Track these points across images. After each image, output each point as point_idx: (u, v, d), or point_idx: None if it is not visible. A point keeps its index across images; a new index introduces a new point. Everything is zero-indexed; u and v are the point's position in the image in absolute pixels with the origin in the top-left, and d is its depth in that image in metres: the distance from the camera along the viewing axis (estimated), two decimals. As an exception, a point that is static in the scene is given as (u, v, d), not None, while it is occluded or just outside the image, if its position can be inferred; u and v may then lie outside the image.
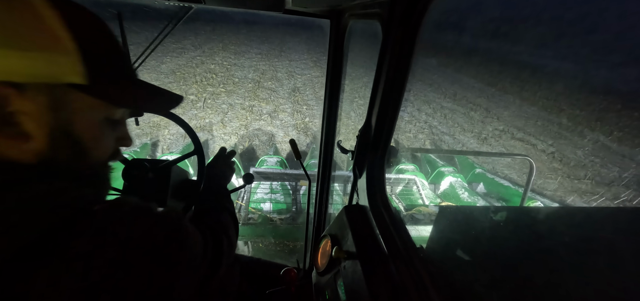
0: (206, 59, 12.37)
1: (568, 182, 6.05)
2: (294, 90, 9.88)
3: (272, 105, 8.35)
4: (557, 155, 7.13)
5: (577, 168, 6.62)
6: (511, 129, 8.57)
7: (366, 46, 1.42)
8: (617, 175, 6.45)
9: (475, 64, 17.23)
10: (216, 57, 12.91)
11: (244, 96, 8.79)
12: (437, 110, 9.64)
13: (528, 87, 12.82)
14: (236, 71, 11.25)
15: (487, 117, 9.40)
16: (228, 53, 14.12)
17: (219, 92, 8.86)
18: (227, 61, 12.61)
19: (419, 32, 0.70)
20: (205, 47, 14.59)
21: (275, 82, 10.55)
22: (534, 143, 7.78)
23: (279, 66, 12.79)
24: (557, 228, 0.89)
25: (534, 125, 8.99)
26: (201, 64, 11.54)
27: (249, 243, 2.68)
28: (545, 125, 9.02)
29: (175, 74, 9.75)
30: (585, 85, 13.48)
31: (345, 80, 1.31)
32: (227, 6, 1.10)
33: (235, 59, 13.15)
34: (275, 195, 3.09)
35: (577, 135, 8.45)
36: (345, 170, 3.62)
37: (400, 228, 0.80)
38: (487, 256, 0.83)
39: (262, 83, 10.19)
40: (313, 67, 13.35)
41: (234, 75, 10.69)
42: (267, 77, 11.05)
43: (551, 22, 42.49)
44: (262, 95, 9.09)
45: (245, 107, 8.01)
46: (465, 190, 3.39)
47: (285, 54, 15.61)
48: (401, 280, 0.68)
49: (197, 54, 12.94)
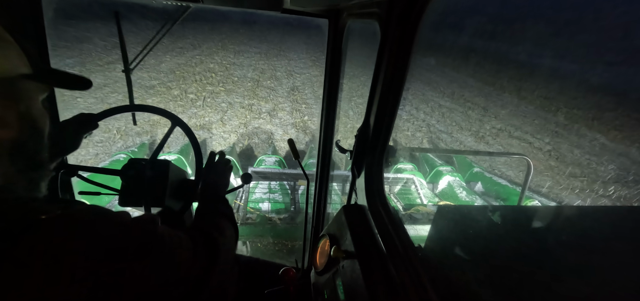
0: (205, 58, 12.31)
1: (563, 179, 6.08)
2: (293, 89, 9.90)
3: (271, 104, 8.38)
4: (553, 153, 7.17)
5: (574, 166, 6.66)
6: (508, 127, 8.62)
7: (364, 46, 1.42)
8: (613, 173, 6.48)
9: (472, 64, 17.27)
10: (215, 56, 12.88)
11: (243, 95, 8.81)
12: (435, 109, 9.67)
13: (526, 87, 12.87)
14: (235, 70, 11.27)
15: (485, 116, 9.44)
16: (227, 52, 14.09)
17: (218, 90, 8.87)
18: (227, 60, 12.60)
19: (417, 32, 0.70)
20: (204, 46, 14.53)
21: (274, 81, 10.57)
22: (530, 141, 7.83)
23: (278, 65, 12.79)
24: (555, 227, 0.89)
25: (531, 124, 9.04)
26: (200, 63, 11.51)
27: (248, 243, 2.68)
28: (542, 124, 9.07)
29: (175, 72, 9.72)
30: (583, 83, 13.56)
31: (344, 80, 1.31)
32: (225, 5, 1.10)
33: (234, 58, 13.14)
34: (273, 195, 3.09)
35: (574, 134, 8.50)
36: (343, 169, 3.63)
37: (399, 227, 0.80)
38: (484, 255, 0.84)
39: (261, 82, 10.20)
40: (312, 66, 13.35)
41: (233, 74, 10.72)
42: (266, 76, 11.07)
43: (549, 21, 42.64)
44: (261, 94, 9.13)
45: (244, 105, 8.02)
46: (463, 189, 3.41)
47: (284, 53, 15.57)
48: (399, 279, 0.68)
49: (196, 53, 12.85)
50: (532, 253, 0.79)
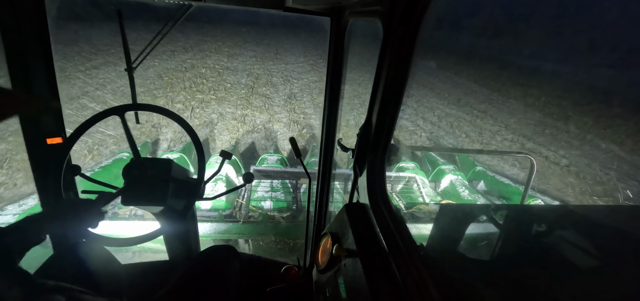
0: (197, 62, 11.72)
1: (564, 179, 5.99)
2: (290, 96, 9.15)
3: (266, 115, 7.63)
4: (553, 157, 7.05)
5: (575, 168, 6.57)
6: (503, 128, 8.50)
7: (367, 44, 1.42)
8: (617, 179, 6.30)
9: (474, 66, 17.06)
10: (208, 60, 12.32)
11: (235, 104, 8.08)
12: (435, 109, 9.60)
13: (531, 92, 12.60)
14: (229, 76, 10.59)
15: (485, 117, 9.34)
16: (221, 55, 13.55)
17: (208, 99, 8.28)
18: (220, 64, 11.95)
19: (420, 30, 0.70)
20: (197, 49, 14.04)
21: (270, 87, 9.88)
22: (531, 146, 7.70)
23: (274, 70, 12.20)
24: (557, 226, 0.89)
25: (527, 124, 8.94)
26: (191, 68, 10.85)
27: (250, 241, 2.69)
28: (539, 125, 8.96)
29: (162, 78, 9.19)
30: (582, 84, 13.34)
31: (346, 78, 1.31)
32: (227, 4, 1.10)
33: (228, 62, 12.40)
34: (275, 193, 3.09)
35: (578, 139, 8.35)
36: (345, 168, 3.63)
37: (401, 226, 0.80)
38: (487, 254, 0.83)
39: (256, 89, 9.49)
40: (310, 70, 12.71)
41: (226, 80, 10.05)
42: (261, 82, 10.33)
43: (553, 22, 42.14)
44: (256, 102, 8.38)
45: (236, 116, 7.32)
46: (465, 188, 3.39)
47: (281, 56, 14.99)
48: (401, 278, 0.68)
49: (188, 57, 12.28)
50: (535, 252, 0.78)
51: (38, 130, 1.11)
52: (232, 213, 2.82)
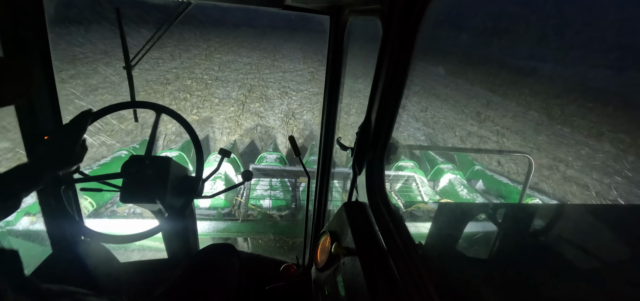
0: (183, 72, 10.29)
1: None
2: (287, 114, 7.76)
3: (259, 141, 6.21)
4: (548, 155, 7.06)
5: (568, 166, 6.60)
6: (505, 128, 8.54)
7: (366, 42, 1.41)
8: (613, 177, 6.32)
9: (473, 63, 17.02)
10: (196, 69, 10.88)
11: (222, 127, 6.52)
12: (431, 103, 9.61)
13: (527, 92, 12.55)
14: (217, 88, 9.11)
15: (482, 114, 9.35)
16: (212, 63, 12.20)
17: (190, 121, 7.05)
18: (209, 74, 10.55)
19: (420, 28, 0.70)
20: (185, 56, 12.65)
21: (265, 102, 8.44)
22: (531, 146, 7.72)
23: (270, 80, 10.81)
24: (555, 225, 0.89)
25: (525, 123, 8.96)
26: (176, 80, 9.32)
27: (249, 239, 2.69)
28: (538, 126, 8.99)
29: (139, 93, 7.68)
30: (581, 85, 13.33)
31: (345, 77, 1.31)
32: (226, 2, 1.10)
33: (218, 71, 11.13)
34: (274, 192, 3.09)
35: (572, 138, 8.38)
36: (344, 166, 3.63)
37: (400, 224, 0.81)
38: (485, 252, 0.84)
39: (248, 106, 7.97)
40: (311, 80, 11.45)
41: (214, 94, 8.58)
42: (254, 95, 8.87)
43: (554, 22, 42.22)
44: (247, 123, 6.84)
45: (224, 144, 5.78)
46: (464, 187, 3.40)
47: (278, 63, 13.76)
48: (400, 276, 0.68)
49: (173, 66, 10.84)
50: (533, 251, 0.79)
51: (36, 128, 1.10)
52: (231, 211, 2.82)
